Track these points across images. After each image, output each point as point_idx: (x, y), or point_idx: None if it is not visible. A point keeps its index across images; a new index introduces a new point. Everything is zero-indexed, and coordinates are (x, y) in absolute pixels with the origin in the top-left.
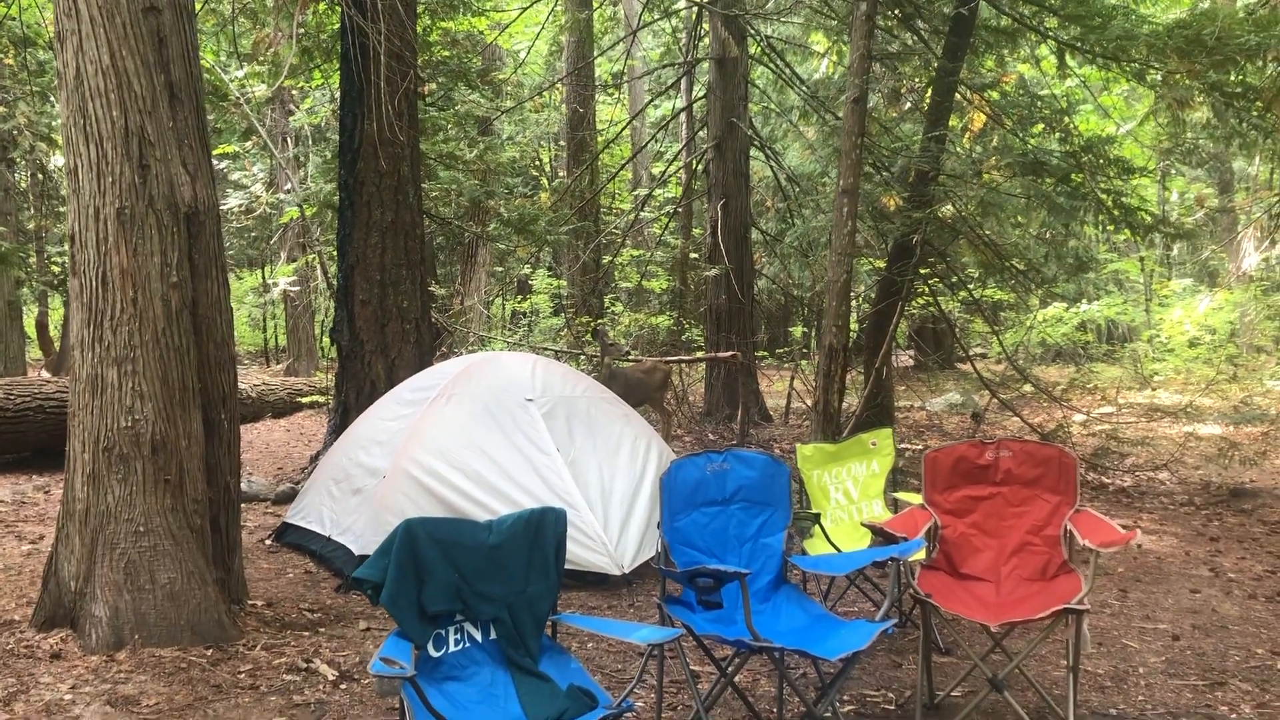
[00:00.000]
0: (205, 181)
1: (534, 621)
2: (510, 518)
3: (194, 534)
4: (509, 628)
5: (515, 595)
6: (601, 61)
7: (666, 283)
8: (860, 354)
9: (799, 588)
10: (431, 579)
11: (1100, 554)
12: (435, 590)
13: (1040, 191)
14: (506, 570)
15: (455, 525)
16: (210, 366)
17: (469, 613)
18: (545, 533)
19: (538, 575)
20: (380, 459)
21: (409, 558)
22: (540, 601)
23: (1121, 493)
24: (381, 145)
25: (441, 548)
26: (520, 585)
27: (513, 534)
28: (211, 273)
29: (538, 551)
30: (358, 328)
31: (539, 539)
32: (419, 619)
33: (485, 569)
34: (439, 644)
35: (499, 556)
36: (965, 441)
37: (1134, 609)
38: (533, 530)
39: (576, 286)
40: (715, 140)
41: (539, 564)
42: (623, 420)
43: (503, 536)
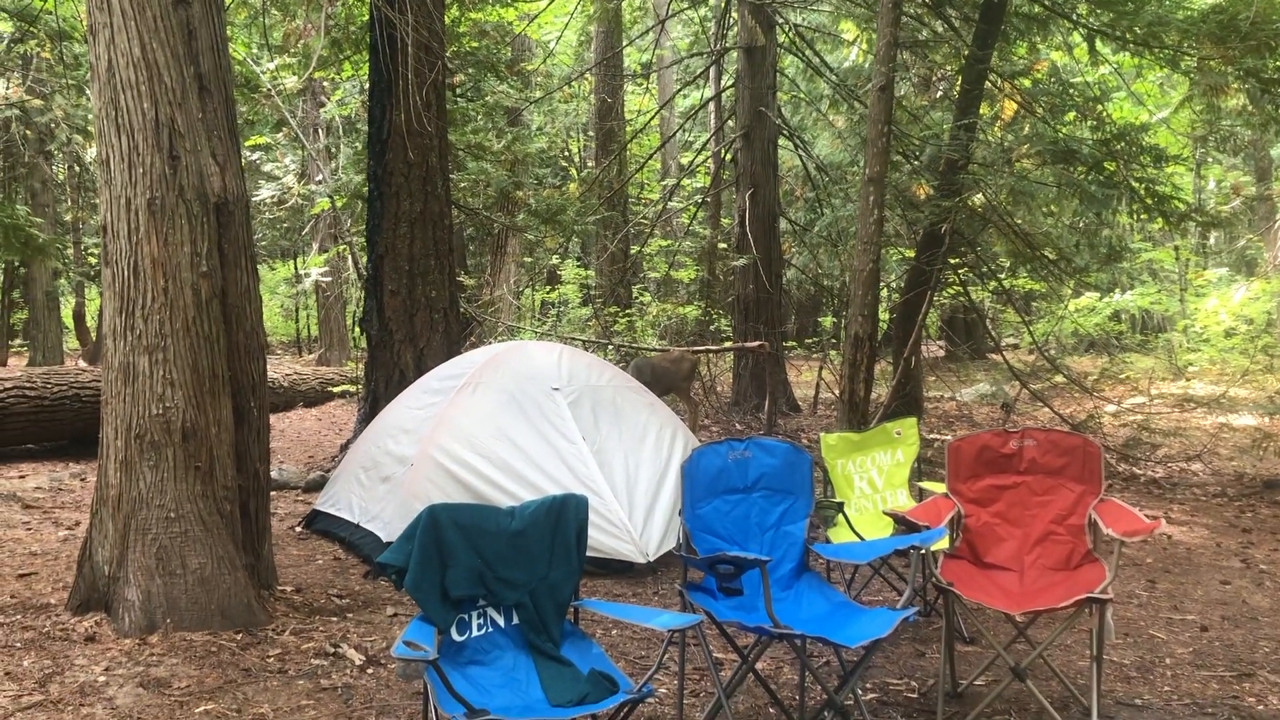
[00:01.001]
0: (234, 172)
1: (556, 607)
2: (533, 504)
3: (224, 520)
4: (531, 613)
5: (537, 581)
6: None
7: (695, 273)
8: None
9: (821, 576)
10: (454, 564)
11: (1125, 543)
12: (458, 575)
13: (1072, 180)
14: (529, 556)
15: (478, 511)
16: (240, 355)
17: (492, 598)
18: (567, 519)
19: (559, 561)
20: (408, 447)
21: (432, 543)
22: (562, 587)
23: (1153, 484)
24: (410, 136)
25: (464, 533)
26: (542, 571)
27: (535, 520)
28: (241, 262)
29: (560, 537)
30: (387, 317)
31: (561, 525)
32: (442, 603)
33: (508, 555)
34: (462, 628)
35: (521, 542)
36: (989, 430)
37: (1162, 600)
38: (554, 516)
39: (605, 277)
40: (744, 130)
41: (561, 550)
42: (648, 409)
43: (525, 523)
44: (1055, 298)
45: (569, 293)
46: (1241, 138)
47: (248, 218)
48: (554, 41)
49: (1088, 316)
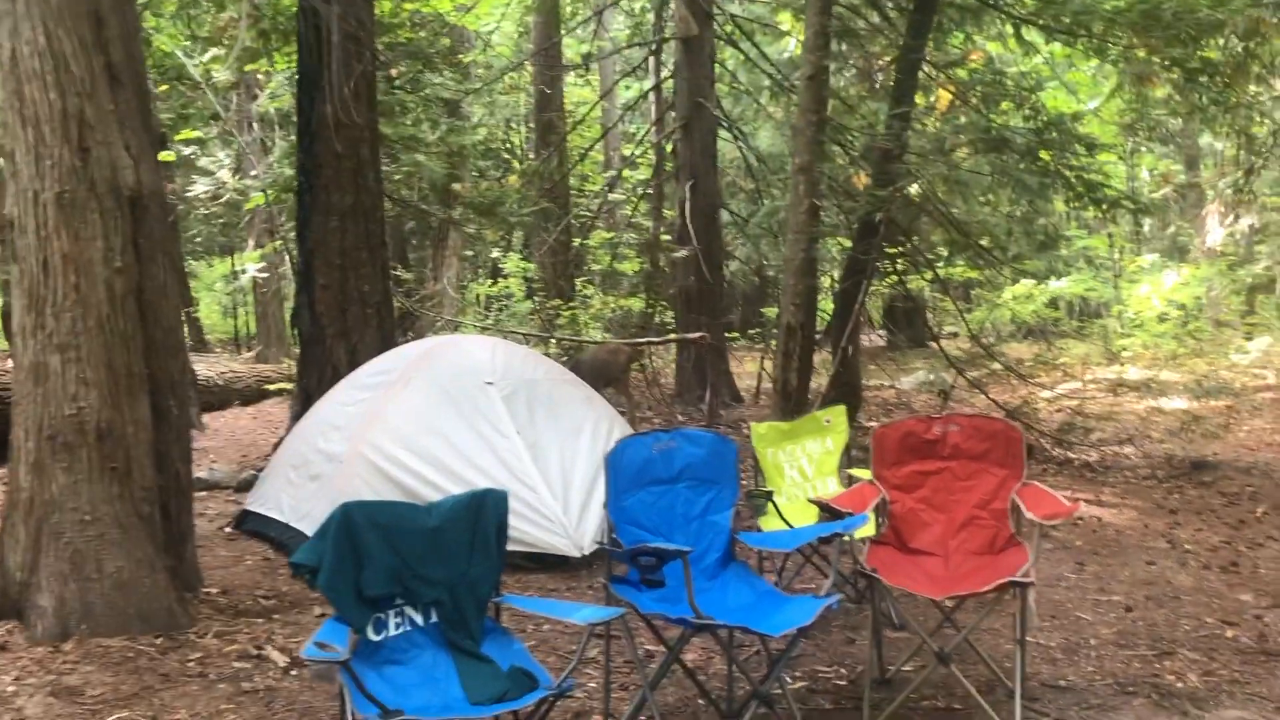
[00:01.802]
0: (149, 165)
1: (476, 603)
2: (451, 500)
3: (142, 522)
4: (450, 610)
5: (457, 578)
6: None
7: (638, 265)
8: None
9: (746, 565)
10: (370, 562)
11: (1045, 527)
12: (374, 574)
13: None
14: (447, 552)
15: (394, 508)
16: (158, 352)
17: (409, 596)
18: (487, 514)
19: (479, 557)
20: (338, 444)
21: (346, 541)
22: (482, 583)
23: (1086, 467)
24: (339, 128)
25: (380, 531)
26: (462, 567)
27: (453, 516)
28: (157, 257)
29: (479, 533)
30: (318, 313)
31: (480, 520)
32: (357, 603)
33: (426, 552)
34: (379, 628)
35: (440, 539)
36: (913, 417)
37: (1089, 581)
38: (474, 512)
39: (547, 270)
40: (683, 121)
41: (481, 546)
42: (584, 403)
43: (443, 519)
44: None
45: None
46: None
47: (165, 212)
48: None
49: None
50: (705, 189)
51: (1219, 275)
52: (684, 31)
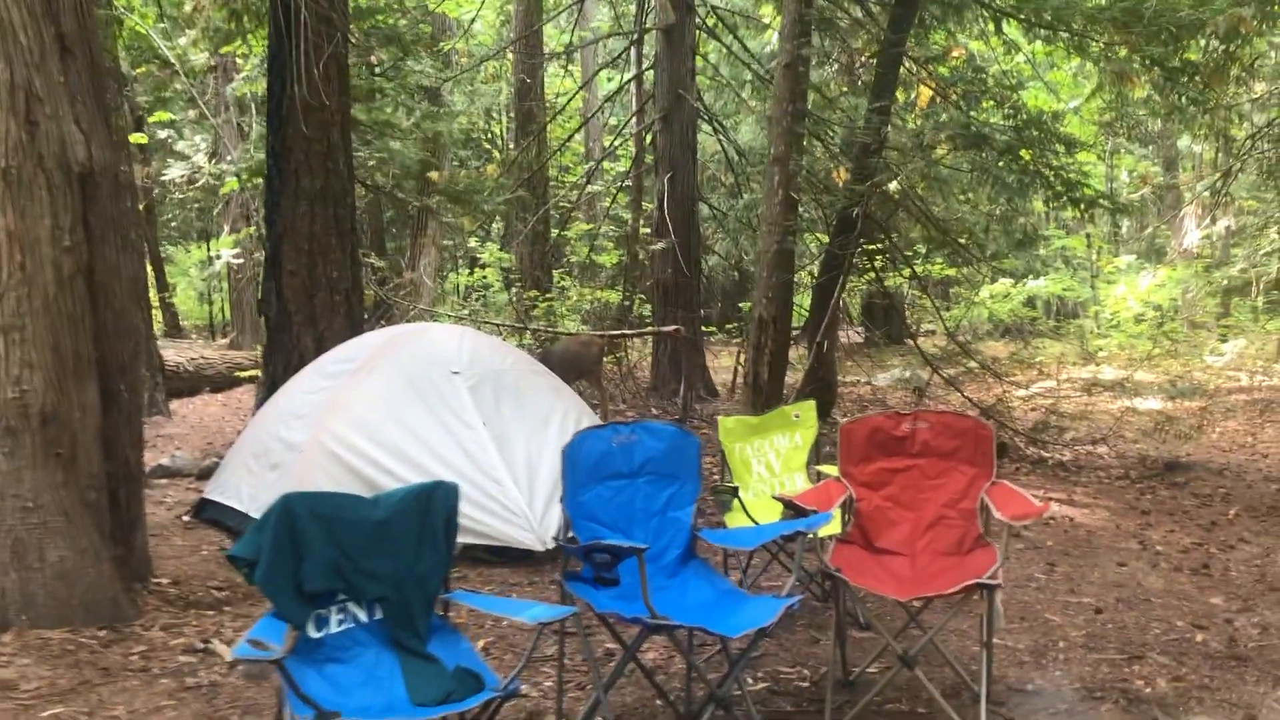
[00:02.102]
0: (101, 141)
1: (423, 600)
2: (399, 492)
3: (88, 509)
4: (396, 607)
5: (403, 573)
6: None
7: (616, 257)
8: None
9: (707, 563)
10: (311, 556)
11: (1014, 527)
12: (315, 568)
13: (984, 166)
14: (394, 547)
15: (338, 500)
16: (108, 335)
17: (353, 591)
18: (435, 507)
19: (427, 552)
20: (299, 433)
21: (286, 534)
22: (430, 579)
23: (1060, 466)
24: (309, 111)
25: (323, 523)
26: (408, 562)
27: (401, 509)
28: (109, 237)
29: (428, 527)
30: (286, 299)
31: (429, 514)
32: (297, 598)
33: (370, 545)
34: (320, 624)
35: (386, 532)
36: (881, 413)
37: (1060, 583)
38: (422, 505)
39: (524, 260)
40: (662, 112)
41: (429, 540)
42: (552, 394)
43: (390, 511)
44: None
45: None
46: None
47: (118, 190)
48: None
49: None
50: (684, 181)
51: (1195, 277)
52: (664, 21)
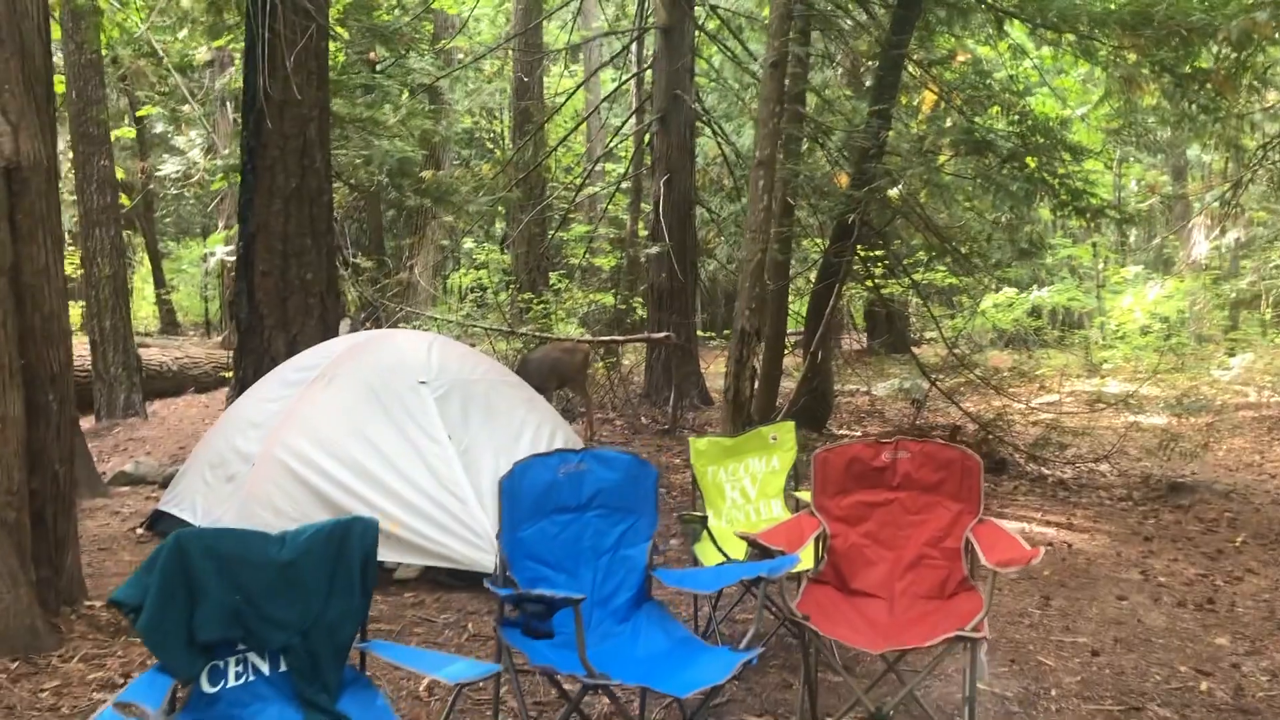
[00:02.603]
0: (32, 133)
1: (334, 650)
2: (309, 529)
3: (5, 530)
4: (302, 658)
5: (311, 620)
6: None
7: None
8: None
9: (662, 607)
10: (206, 601)
11: (999, 574)
12: (209, 614)
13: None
14: (301, 591)
15: (239, 538)
16: (36, 341)
17: (253, 641)
18: (351, 546)
19: (340, 596)
20: (255, 443)
21: (177, 576)
22: (342, 627)
23: (1060, 485)
24: (286, 106)
25: (220, 564)
26: (317, 608)
27: (310, 548)
28: (38, 236)
29: (342, 568)
30: (258, 300)
31: (343, 553)
32: (188, 650)
33: (275, 589)
34: (215, 678)
35: (292, 575)
36: (859, 440)
37: (1054, 619)
38: (336, 543)
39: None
40: (659, 113)
41: (342, 583)
42: (525, 405)
43: (297, 551)
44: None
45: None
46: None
47: (51, 186)
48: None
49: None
50: (680, 184)
51: (1203, 289)
52: (661, 20)
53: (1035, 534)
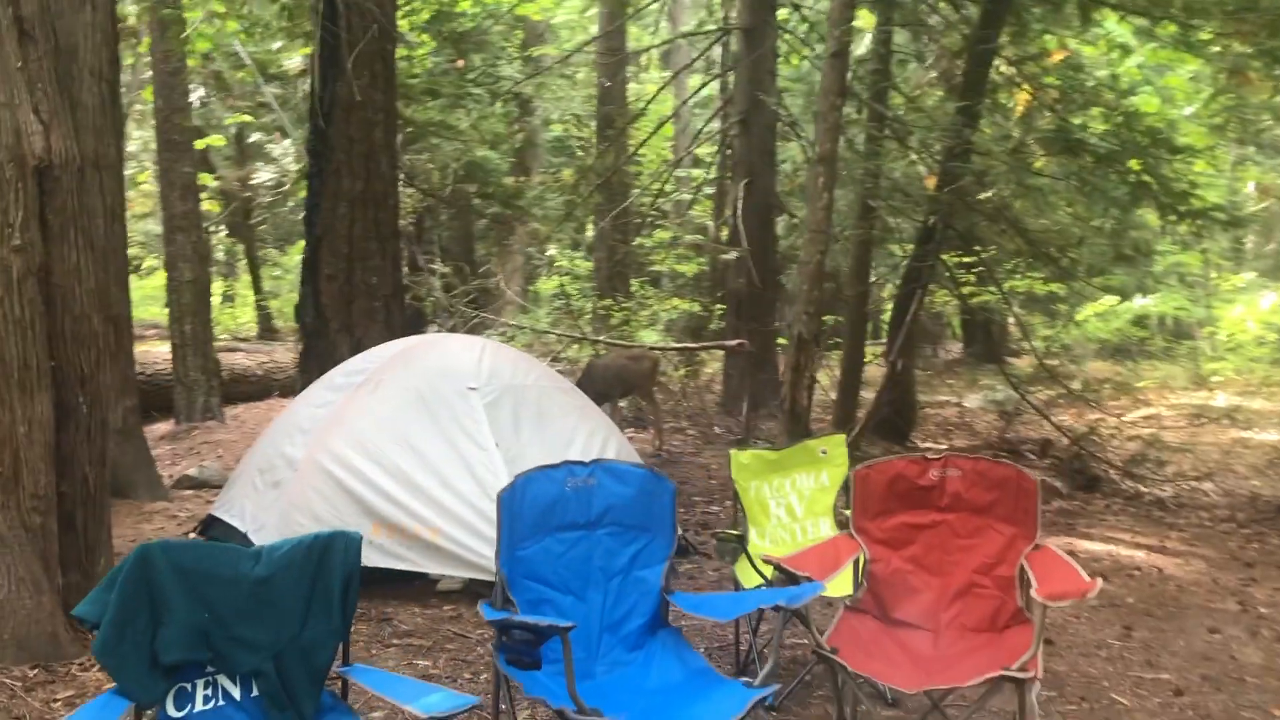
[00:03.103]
0: (64, 132)
1: (310, 675)
2: (286, 544)
3: (30, 535)
4: (274, 683)
5: (285, 642)
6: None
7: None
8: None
9: (679, 633)
10: (171, 620)
11: (1049, 608)
12: (175, 635)
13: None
14: (275, 611)
15: (210, 552)
16: (66, 342)
17: (223, 663)
18: (332, 563)
19: (318, 617)
20: (301, 449)
21: (141, 592)
22: (318, 650)
23: (1157, 504)
24: (353, 109)
25: (188, 580)
26: (293, 630)
27: (287, 564)
28: (70, 236)
29: (320, 586)
30: (323, 304)
31: (323, 571)
32: (150, 672)
33: (246, 608)
34: (182, 701)
35: (266, 593)
36: (904, 457)
37: (1135, 652)
38: (315, 560)
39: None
40: (740, 116)
41: (321, 603)
42: (577, 412)
43: (273, 568)
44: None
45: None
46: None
47: (83, 185)
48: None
49: (1107, 321)
50: (761, 188)
51: None
52: (749, 22)
53: (1122, 557)
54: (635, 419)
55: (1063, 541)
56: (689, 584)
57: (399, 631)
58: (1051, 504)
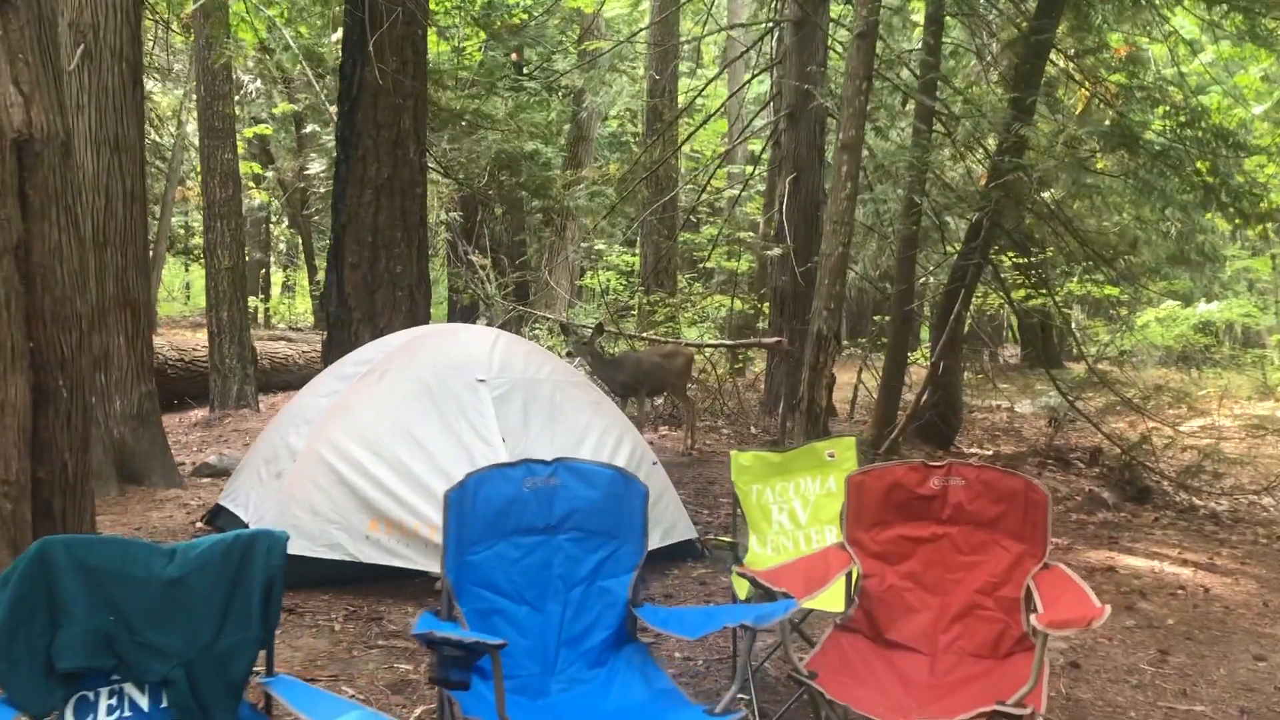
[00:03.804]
0: (47, 105)
1: (226, 686)
2: (204, 543)
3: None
4: (185, 694)
5: (200, 650)
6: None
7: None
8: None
9: (646, 650)
10: (71, 622)
11: (1050, 636)
12: (73, 639)
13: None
14: (189, 614)
15: (119, 549)
16: (45, 323)
17: (129, 671)
18: (253, 565)
19: (236, 623)
20: (304, 439)
21: (38, 592)
22: (236, 659)
23: (1210, 518)
24: (380, 95)
25: (92, 579)
26: (207, 636)
27: (203, 565)
28: (51, 214)
29: (240, 590)
30: (346, 293)
31: (244, 573)
32: (44, 679)
33: (158, 611)
34: (83, 710)
35: (178, 595)
36: (903, 463)
37: (1170, 680)
38: (235, 561)
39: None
40: (788, 110)
41: (240, 608)
42: (591, 408)
43: (187, 568)
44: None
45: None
46: None
47: (65, 161)
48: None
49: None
50: (808, 184)
51: None
52: (798, 14)
53: (1166, 574)
54: (670, 416)
55: (1103, 555)
56: (700, 589)
57: (386, 632)
58: (1096, 515)
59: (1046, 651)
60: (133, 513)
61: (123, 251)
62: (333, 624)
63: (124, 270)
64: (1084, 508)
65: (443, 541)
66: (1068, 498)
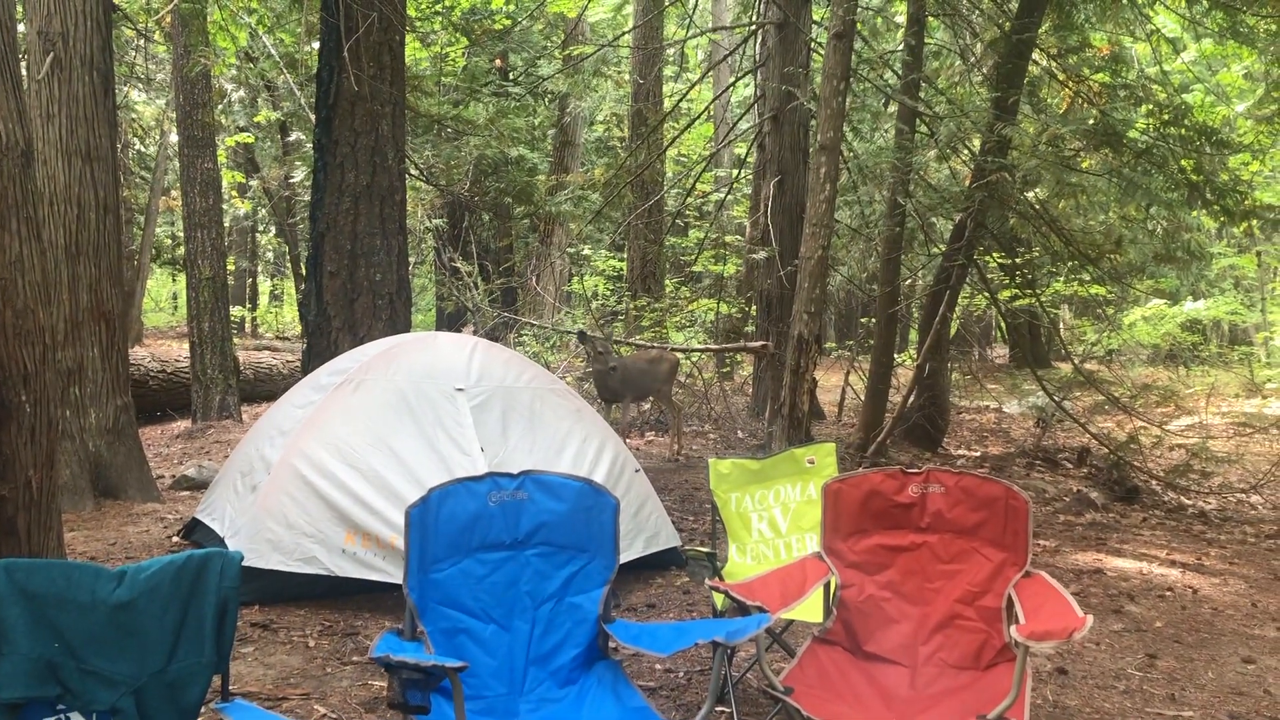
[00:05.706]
0: (5, 114)
1: (178, 713)
2: (154, 564)
3: None
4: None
5: (150, 676)
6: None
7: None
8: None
9: (618, 667)
10: (13, 650)
11: (1032, 649)
12: (18, 666)
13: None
14: (138, 639)
15: (63, 573)
16: (7, 337)
17: (75, 699)
18: (205, 587)
19: (188, 648)
20: (279, 451)
21: None
22: (188, 685)
23: (1199, 517)
24: (358, 102)
25: (35, 604)
26: (158, 662)
27: (153, 588)
28: (11, 225)
29: (192, 614)
30: (325, 302)
31: (196, 596)
32: None
33: (103, 637)
34: None
35: (127, 619)
36: (880, 470)
37: (1158, 684)
38: (187, 583)
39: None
40: (772, 112)
41: (191, 632)
42: (572, 416)
43: (136, 591)
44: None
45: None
46: None
47: (26, 171)
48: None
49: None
50: (793, 186)
51: None
52: (780, 16)
53: (1154, 575)
54: (657, 422)
55: (1091, 557)
56: (683, 599)
57: (361, 648)
58: (1084, 516)
59: (1029, 661)
60: (108, 528)
61: (96, 262)
62: (307, 640)
63: (97, 281)
64: (1072, 508)
65: (404, 559)
66: (1056, 498)
